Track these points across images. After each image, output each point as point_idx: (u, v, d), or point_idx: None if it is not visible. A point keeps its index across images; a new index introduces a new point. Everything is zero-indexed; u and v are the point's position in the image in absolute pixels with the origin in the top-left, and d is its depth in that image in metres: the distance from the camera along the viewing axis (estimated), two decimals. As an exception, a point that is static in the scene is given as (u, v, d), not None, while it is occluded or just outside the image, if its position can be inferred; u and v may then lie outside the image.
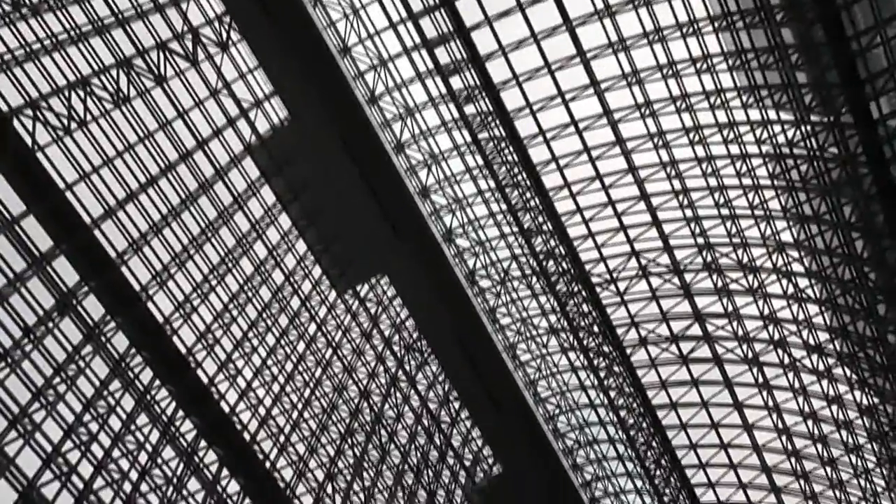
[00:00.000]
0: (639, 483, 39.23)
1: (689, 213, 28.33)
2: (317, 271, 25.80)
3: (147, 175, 19.12)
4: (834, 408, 31.61)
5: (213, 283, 20.96)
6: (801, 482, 35.94)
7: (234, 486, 19.55)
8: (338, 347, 25.78)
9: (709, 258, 29.24)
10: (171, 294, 19.27)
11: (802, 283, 28.12)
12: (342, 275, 26.78)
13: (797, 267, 27.78)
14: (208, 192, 21.11)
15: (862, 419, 30.95)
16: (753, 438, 35.97)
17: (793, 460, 35.63)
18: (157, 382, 18.26)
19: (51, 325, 15.97)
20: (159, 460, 17.70)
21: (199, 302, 20.32)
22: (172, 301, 19.28)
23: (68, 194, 16.53)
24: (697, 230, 28.66)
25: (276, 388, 22.48)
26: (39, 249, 15.67)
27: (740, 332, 31.44)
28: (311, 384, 24.04)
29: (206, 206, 21.05)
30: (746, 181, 26.10)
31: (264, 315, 22.48)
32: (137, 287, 17.90)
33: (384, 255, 27.05)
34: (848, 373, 29.47)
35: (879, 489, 32.99)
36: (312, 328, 24.94)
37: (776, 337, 30.67)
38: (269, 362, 22.59)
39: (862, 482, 33.70)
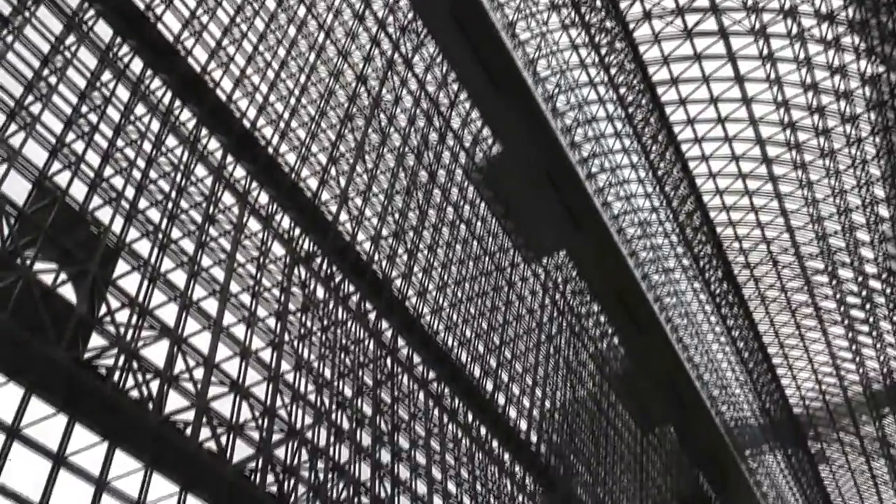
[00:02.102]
0: (635, 158, 40.39)
1: None
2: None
3: None
4: (836, 78, 31.39)
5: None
6: (794, 152, 36.89)
7: (240, 172, 20.16)
8: (330, 31, 24.98)
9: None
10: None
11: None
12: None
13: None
14: None
15: (863, 89, 30.86)
16: (751, 111, 36.23)
17: (788, 132, 36.23)
18: (150, 72, 18.01)
19: (28, 14, 15.35)
20: (164, 149, 18.05)
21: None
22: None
23: None
24: None
25: (270, 74, 22.20)
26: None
27: (749, 2, 30.17)
28: (307, 70, 23.68)
29: None
30: None
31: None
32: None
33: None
34: (856, 41, 28.74)
35: (869, 157, 33.95)
36: (302, 11, 23.99)
37: (787, 6, 29.47)
38: (262, 48, 22.06)
39: (853, 150, 34.55)
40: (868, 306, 45.89)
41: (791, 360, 55.58)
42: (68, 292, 14.08)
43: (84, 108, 16.15)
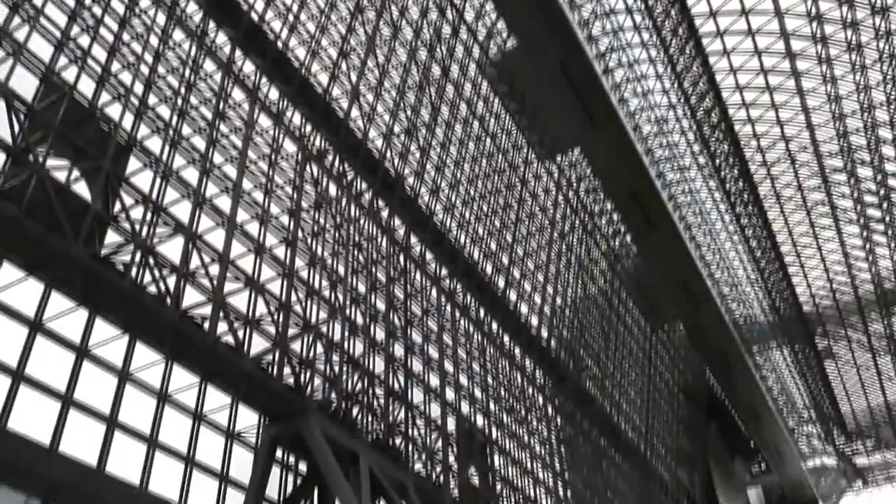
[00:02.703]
0: (654, 53, 39.27)
1: None
2: None
3: None
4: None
5: None
6: (819, 46, 35.76)
7: (249, 67, 19.82)
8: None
9: None
10: None
11: None
12: None
13: None
14: None
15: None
16: (776, 1, 34.94)
17: (814, 24, 35.03)
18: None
19: None
20: (171, 43, 17.71)
21: None
22: None
23: None
24: None
25: (278, -36, 21.49)
26: None
27: None
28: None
29: None
30: None
31: None
32: None
33: None
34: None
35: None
36: None
37: None
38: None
39: (881, 44, 33.42)
40: (885, 205, 45.51)
41: (803, 258, 55.67)
42: (82, 189, 14.16)
43: (88, 1, 15.77)
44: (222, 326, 15.51)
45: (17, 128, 12.94)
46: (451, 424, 23.98)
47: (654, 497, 43.45)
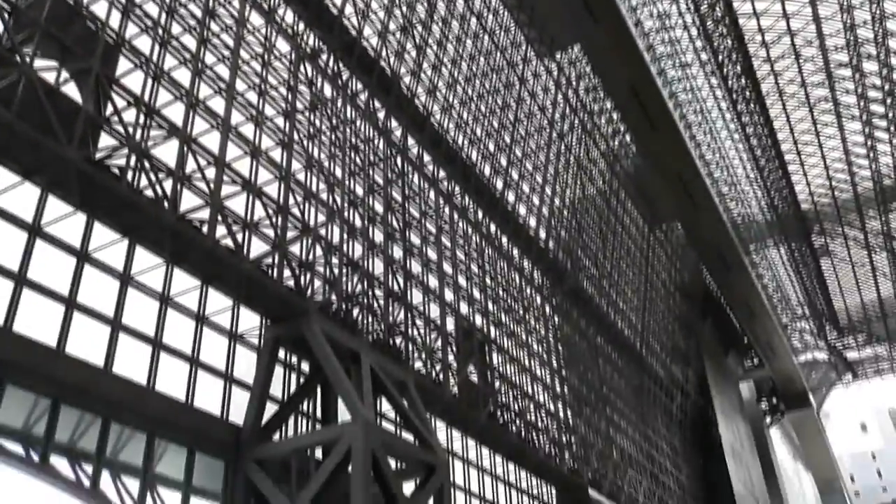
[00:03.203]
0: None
1: None
2: None
3: None
4: None
5: None
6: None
7: (237, -39, 19.12)
8: None
9: None
10: None
11: None
12: None
13: None
14: None
15: None
16: None
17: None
18: None
19: None
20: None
21: None
22: None
23: None
24: None
25: None
26: None
27: None
28: None
29: None
30: None
31: None
32: None
33: None
34: None
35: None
36: None
37: None
38: None
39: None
40: (889, 101, 44.87)
41: (804, 156, 55.34)
42: (72, 91, 13.90)
43: None
44: (221, 230, 15.55)
45: (1, 27, 12.58)
46: (450, 324, 24.40)
47: (648, 392, 44.74)
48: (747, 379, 72.98)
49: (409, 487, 17.17)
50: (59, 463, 12.39)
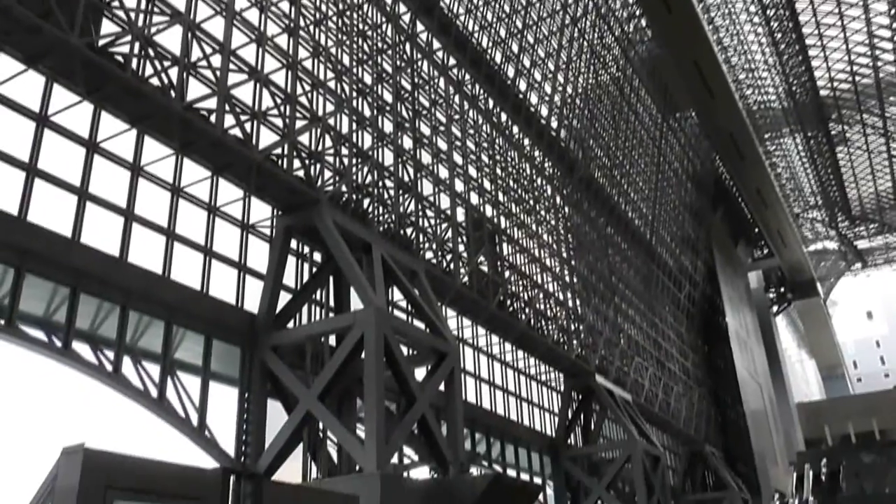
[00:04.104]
0: None
1: None
2: None
3: None
4: None
5: None
6: None
7: None
8: None
9: None
10: None
11: None
12: None
13: None
14: None
15: None
16: None
17: None
18: None
19: None
20: None
21: None
22: None
23: None
24: None
25: None
26: None
27: None
28: None
29: None
30: None
31: None
32: None
33: None
34: None
35: None
36: None
37: None
38: None
39: None
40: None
41: (826, 39, 53.55)
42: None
43: None
44: (229, 120, 15.40)
45: None
46: (461, 215, 24.47)
47: (657, 281, 45.23)
48: (756, 269, 73.48)
49: (420, 373, 17.70)
50: (82, 349, 12.80)
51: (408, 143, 22.74)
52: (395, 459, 15.51)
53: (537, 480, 26.52)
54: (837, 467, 48.02)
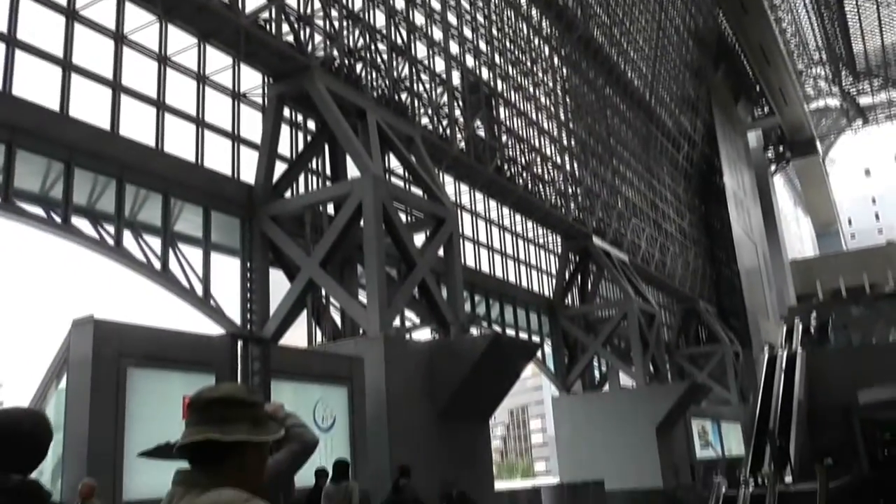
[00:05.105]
0: None
1: None
2: None
3: None
4: None
5: None
6: None
7: None
8: None
9: None
10: None
11: None
12: None
13: None
14: None
15: None
16: None
17: None
18: None
19: None
20: None
21: None
22: None
23: None
24: None
25: None
26: None
27: None
28: None
29: None
30: None
31: None
32: None
33: None
34: None
35: None
36: None
37: None
38: None
39: None
40: None
41: None
42: None
43: None
44: (212, -18, 14.77)
45: None
46: (456, 78, 23.93)
47: (655, 142, 44.87)
48: (755, 128, 72.64)
49: (419, 239, 17.88)
50: (81, 224, 12.87)
51: (400, 2, 21.90)
52: (397, 322, 15.94)
53: (536, 339, 27.39)
54: (826, 320, 49.47)
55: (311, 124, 18.08)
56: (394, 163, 19.89)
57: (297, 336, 16.25)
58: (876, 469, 39.93)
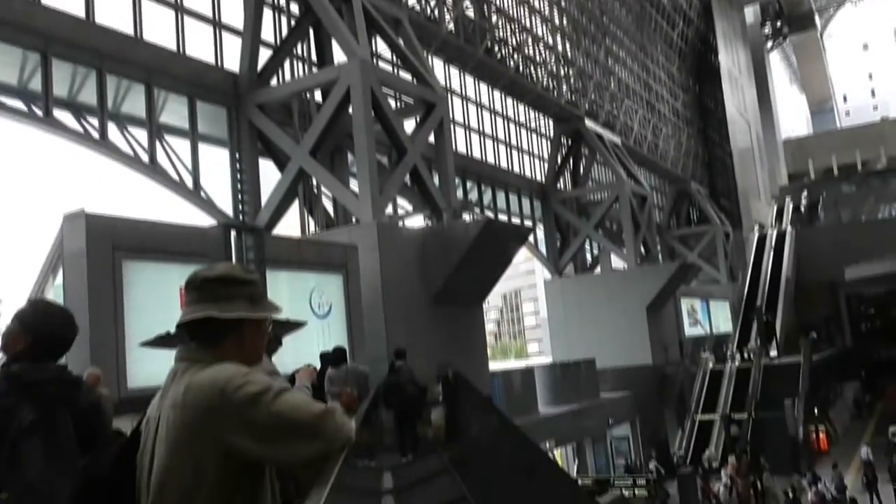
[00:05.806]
0: None
1: None
2: None
3: None
4: None
5: None
6: None
7: None
8: None
9: None
10: None
11: None
12: None
13: None
14: None
15: None
16: None
17: None
18: None
19: None
20: None
21: None
22: None
23: None
24: None
25: None
26: None
27: None
28: None
29: None
30: None
31: None
32: None
33: None
34: None
35: None
36: None
37: None
38: None
39: None
40: None
41: None
42: None
43: None
44: None
45: None
46: (444, -45, 22.92)
47: (650, 20, 43.62)
48: (753, 2, 70.52)
49: (409, 125, 17.63)
50: (64, 116, 12.61)
51: None
52: (389, 210, 15.94)
53: (528, 224, 27.53)
54: (817, 198, 49.67)
55: (295, 7, 17.46)
56: (381, 46, 19.34)
57: (290, 226, 16.29)
58: (858, 342, 41.14)
